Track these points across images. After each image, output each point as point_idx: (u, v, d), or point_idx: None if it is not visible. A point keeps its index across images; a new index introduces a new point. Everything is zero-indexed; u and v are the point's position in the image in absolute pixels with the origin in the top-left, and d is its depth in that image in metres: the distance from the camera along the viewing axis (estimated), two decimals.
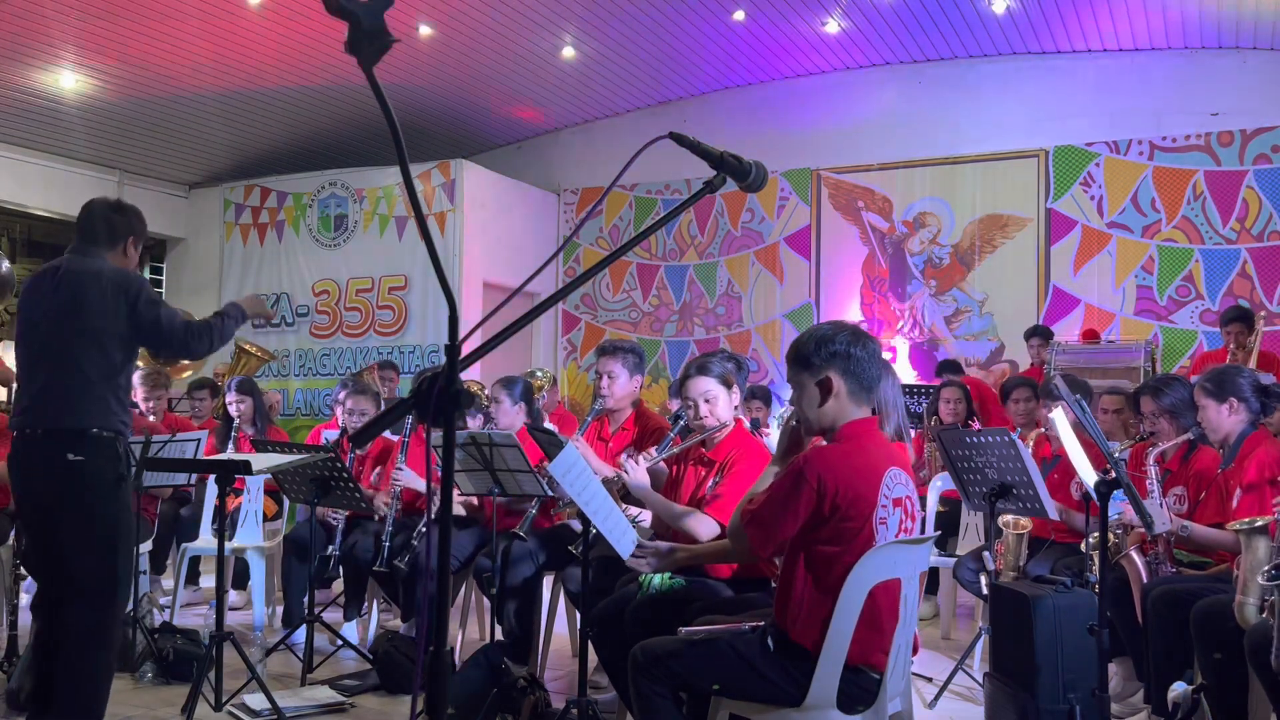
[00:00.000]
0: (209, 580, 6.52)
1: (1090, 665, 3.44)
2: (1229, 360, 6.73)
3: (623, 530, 3.22)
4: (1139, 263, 8.83)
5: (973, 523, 5.46)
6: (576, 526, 4.27)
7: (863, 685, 2.70)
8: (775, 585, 3.03)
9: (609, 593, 3.87)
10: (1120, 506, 3.85)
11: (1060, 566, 4.51)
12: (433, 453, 3.46)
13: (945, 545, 5.70)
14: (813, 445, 2.97)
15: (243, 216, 10.42)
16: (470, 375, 7.84)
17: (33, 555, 3.74)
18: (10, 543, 4.85)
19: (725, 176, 1.89)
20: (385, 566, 4.87)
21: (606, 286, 10.71)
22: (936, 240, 9.53)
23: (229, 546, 4.83)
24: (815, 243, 9.98)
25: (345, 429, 5.71)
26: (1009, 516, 4.65)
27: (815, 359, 2.78)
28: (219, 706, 4.06)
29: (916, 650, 2.94)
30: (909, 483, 2.83)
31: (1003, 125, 9.27)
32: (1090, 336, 8.57)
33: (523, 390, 5.15)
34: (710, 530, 3.57)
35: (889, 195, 9.71)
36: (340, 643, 4.92)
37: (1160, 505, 3.98)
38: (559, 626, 4.91)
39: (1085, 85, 9.05)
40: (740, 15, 8.57)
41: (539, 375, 8.06)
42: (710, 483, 3.71)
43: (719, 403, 3.79)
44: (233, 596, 6.09)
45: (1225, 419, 4.06)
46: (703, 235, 10.36)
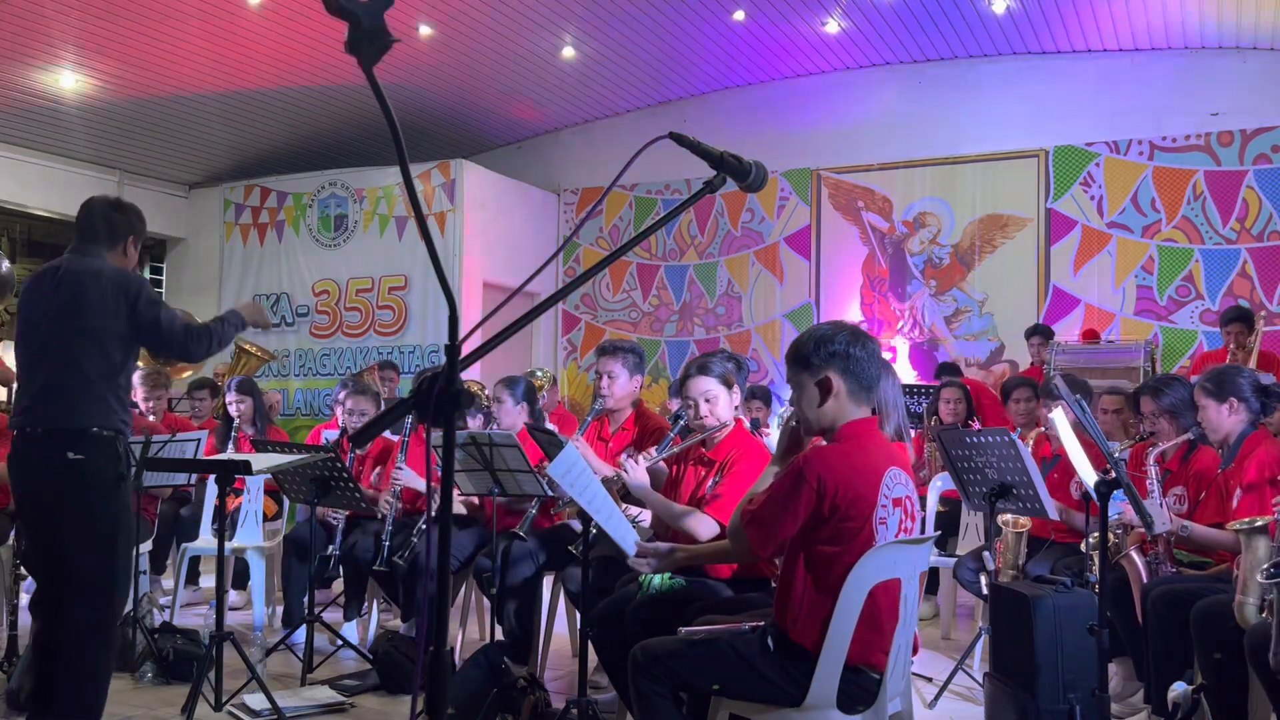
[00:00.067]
0: (209, 580, 6.52)
1: (1090, 665, 3.44)
2: (1229, 360, 6.73)
3: (625, 529, 3.23)
4: (1139, 263, 8.83)
5: (973, 523, 5.46)
6: (576, 526, 4.28)
7: (863, 685, 2.70)
8: (775, 585, 3.03)
9: (609, 593, 3.87)
10: (1120, 506, 3.85)
11: (1060, 566, 4.52)
12: (433, 453, 3.46)
13: (945, 545, 5.70)
14: (812, 445, 2.97)
15: (243, 216, 10.42)
16: (470, 375, 7.84)
17: (32, 555, 3.74)
18: (10, 543, 4.85)
19: (725, 176, 1.89)
20: (385, 565, 4.87)
21: (606, 286, 10.71)
22: (936, 240, 9.53)
23: (229, 546, 4.83)
24: (815, 243, 9.98)
25: (345, 429, 5.71)
26: (1008, 515, 4.66)
27: (815, 359, 2.78)
28: (219, 706, 4.06)
29: (916, 650, 2.94)
30: (909, 483, 2.83)
31: (1003, 125, 9.27)
32: (1090, 336, 8.57)
33: (525, 390, 5.15)
34: (710, 530, 3.57)
35: (889, 195, 9.71)
36: (340, 643, 4.92)
37: (1160, 505, 3.99)
38: (559, 626, 4.91)
39: (1085, 85, 9.05)
40: (740, 15, 8.57)
41: (539, 375, 8.06)
42: (710, 482, 3.71)
43: (719, 402, 3.79)
44: (233, 596, 6.09)
45: (1225, 419, 4.06)
46: (703, 235, 10.35)
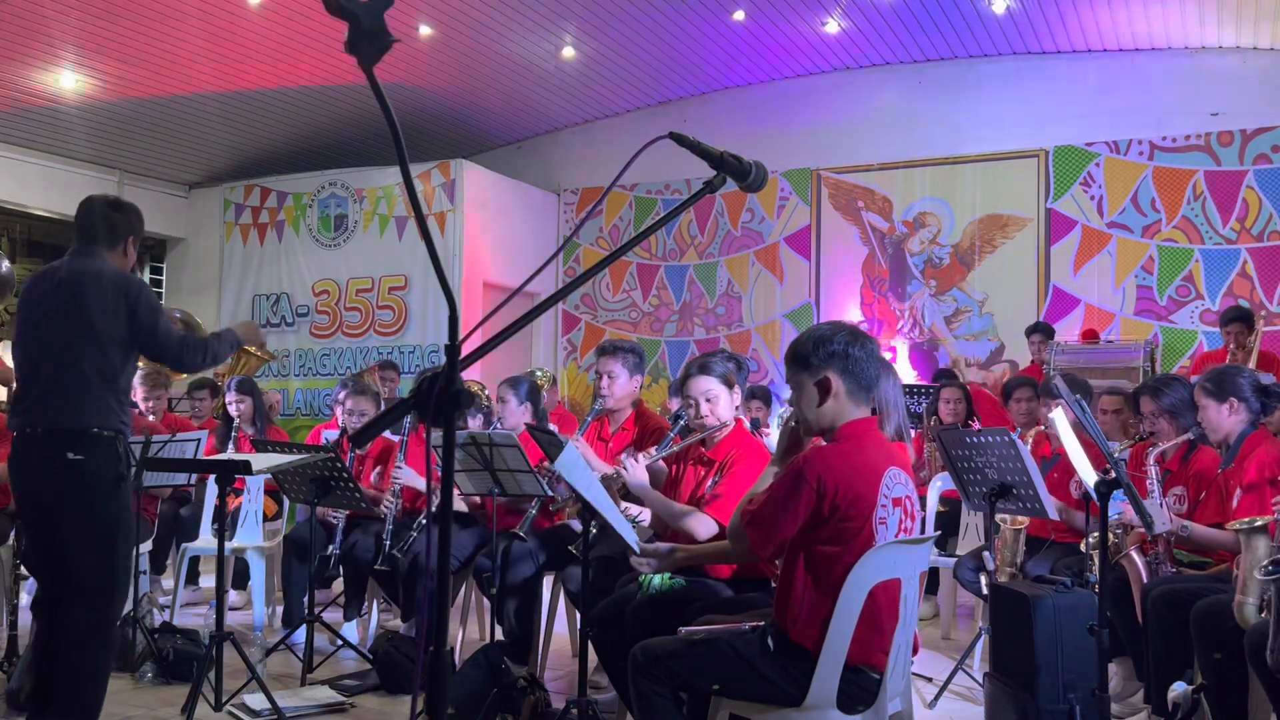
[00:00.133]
0: (209, 580, 6.51)
1: (1090, 665, 3.44)
2: (1229, 360, 6.73)
3: (627, 528, 3.24)
4: (1139, 263, 8.83)
5: (973, 523, 5.46)
6: (576, 526, 4.28)
7: (863, 685, 2.71)
8: (775, 585, 3.03)
9: (609, 593, 3.87)
10: (1120, 506, 3.85)
11: (1060, 566, 4.52)
12: (433, 453, 3.45)
13: (945, 545, 5.70)
14: (812, 445, 2.98)
15: (243, 216, 10.41)
16: (470, 375, 7.84)
17: (33, 555, 3.74)
18: (10, 543, 4.85)
19: (725, 176, 1.89)
20: (385, 562, 4.87)
21: (606, 286, 10.71)
22: (936, 240, 9.53)
23: (229, 546, 4.83)
24: (815, 243, 9.98)
25: (345, 429, 5.71)
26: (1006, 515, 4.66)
27: (814, 359, 2.78)
28: (219, 706, 4.06)
29: (916, 650, 2.94)
30: (909, 483, 2.83)
31: (1003, 125, 9.26)
32: (1090, 336, 8.57)
33: (528, 390, 5.15)
34: (709, 530, 3.57)
35: (889, 195, 9.71)
36: (340, 643, 4.92)
37: (1160, 505, 3.99)
38: (559, 626, 4.91)
39: (1085, 85, 9.04)
40: (740, 15, 8.57)
41: (539, 375, 8.06)
42: (710, 482, 3.72)
43: (720, 402, 3.79)
44: (233, 596, 6.09)
45: (1225, 419, 4.06)
46: (703, 235, 10.35)
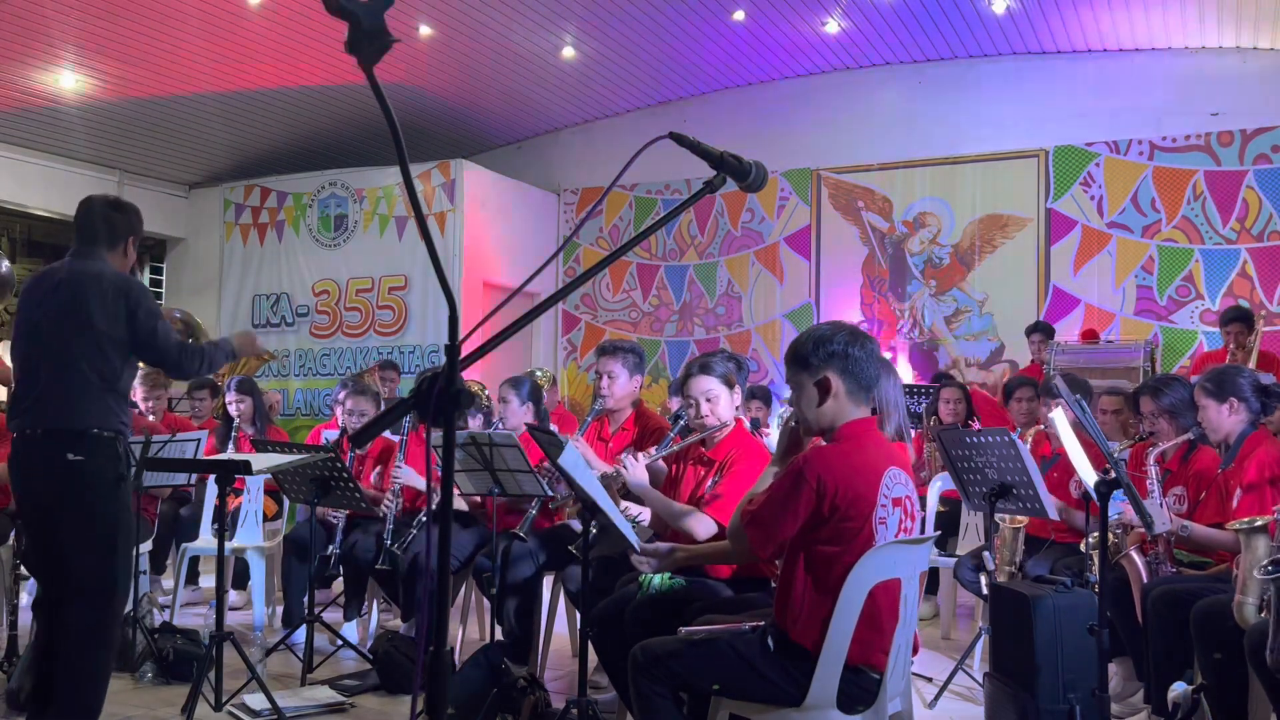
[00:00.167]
0: (209, 580, 6.51)
1: (1090, 665, 3.44)
2: (1228, 360, 6.73)
3: (627, 527, 3.25)
4: (1139, 263, 8.83)
5: (973, 523, 5.46)
6: (576, 526, 4.28)
7: (863, 685, 2.71)
8: (775, 585, 3.03)
9: (609, 593, 3.87)
10: (1120, 506, 3.85)
11: (1060, 566, 4.52)
12: (433, 453, 3.46)
13: (945, 545, 5.70)
14: (812, 445, 2.98)
15: (243, 216, 10.41)
16: (470, 375, 7.84)
17: (33, 555, 3.74)
18: (10, 543, 4.86)
19: (725, 176, 1.89)
20: (385, 560, 4.88)
21: (606, 286, 10.70)
22: (936, 240, 9.53)
23: (229, 546, 4.83)
24: (815, 243, 9.98)
25: (345, 429, 5.71)
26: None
27: (813, 359, 2.78)
28: (219, 706, 4.06)
29: (916, 650, 2.94)
30: (909, 482, 2.83)
31: (1003, 125, 9.26)
32: (1090, 336, 8.57)
33: (530, 390, 5.16)
34: (708, 530, 3.57)
35: (889, 195, 9.70)
36: (340, 643, 4.92)
37: (1160, 505, 3.99)
38: (559, 626, 4.91)
39: (1085, 85, 9.04)
40: (740, 15, 8.56)
41: (539, 375, 8.05)
42: (710, 482, 3.72)
43: (720, 402, 3.79)
44: (233, 596, 6.09)
45: (1225, 419, 4.06)
46: (703, 235, 10.35)
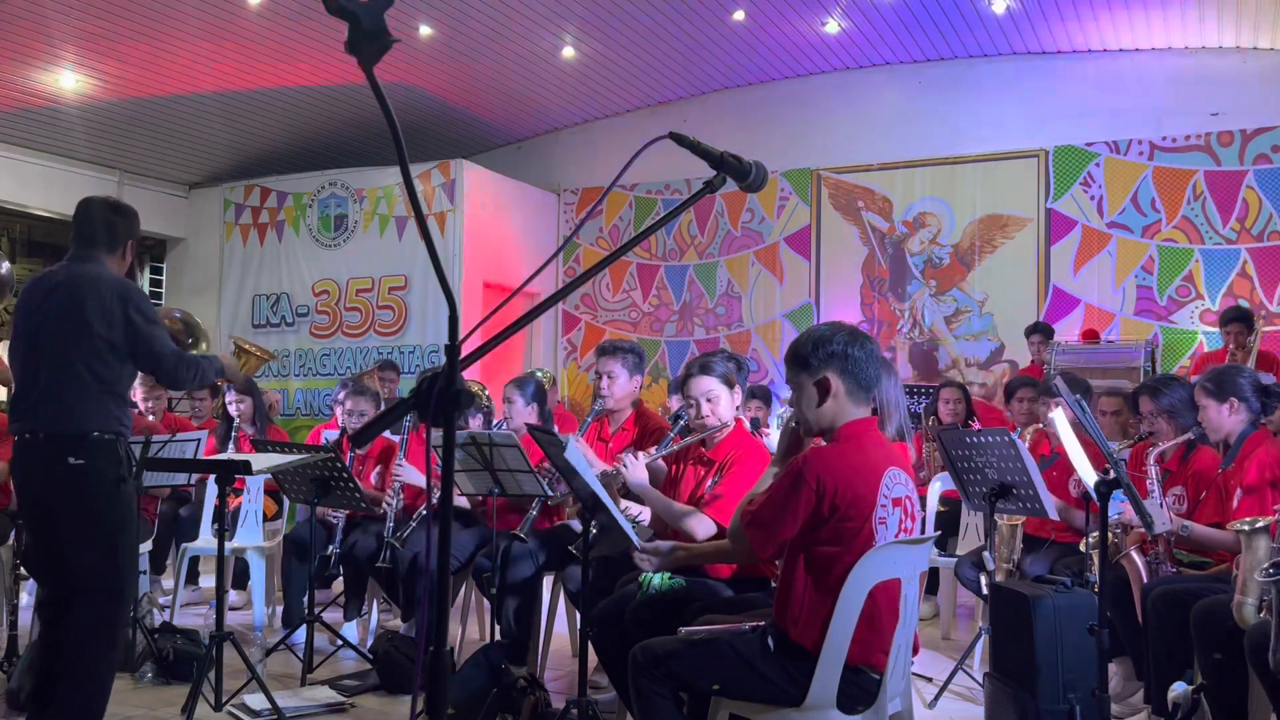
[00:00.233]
0: (209, 580, 6.51)
1: (1090, 665, 3.44)
2: (1228, 360, 6.73)
3: (627, 526, 3.25)
4: (1139, 263, 8.83)
5: (973, 523, 5.46)
6: (576, 526, 4.28)
7: (863, 685, 2.71)
8: (775, 585, 3.03)
9: (609, 593, 3.87)
10: (1120, 506, 3.85)
11: (1060, 566, 4.52)
12: (433, 453, 3.46)
13: (945, 545, 5.70)
14: (812, 446, 2.98)
15: (243, 216, 10.41)
16: (470, 375, 7.84)
17: (35, 556, 3.74)
18: (10, 543, 4.86)
19: (725, 176, 1.89)
20: (385, 558, 4.87)
21: (606, 286, 10.70)
22: (936, 240, 9.53)
23: (229, 546, 4.83)
24: (815, 243, 9.98)
25: (345, 429, 5.71)
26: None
27: (813, 359, 2.78)
28: (219, 706, 4.06)
29: (916, 650, 2.94)
30: (909, 483, 2.83)
31: (1003, 125, 9.26)
32: (1090, 336, 8.57)
33: (535, 390, 5.16)
34: (708, 530, 3.57)
35: (889, 195, 9.70)
36: (340, 643, 4.92)
37: (1160, 505, 3.98)
38: (559, 626, 4.91)
39: (1085, 85, 9.04)
40: (740, 15, 8.56)
41: (539, 375, 8.05)
42: (710, 482, 3.72)
43: (720, 402, 3.80)
44: (233, 596, 6.09)
45: (1226, 419, 4.07)
46: (703, 235, 10.35)
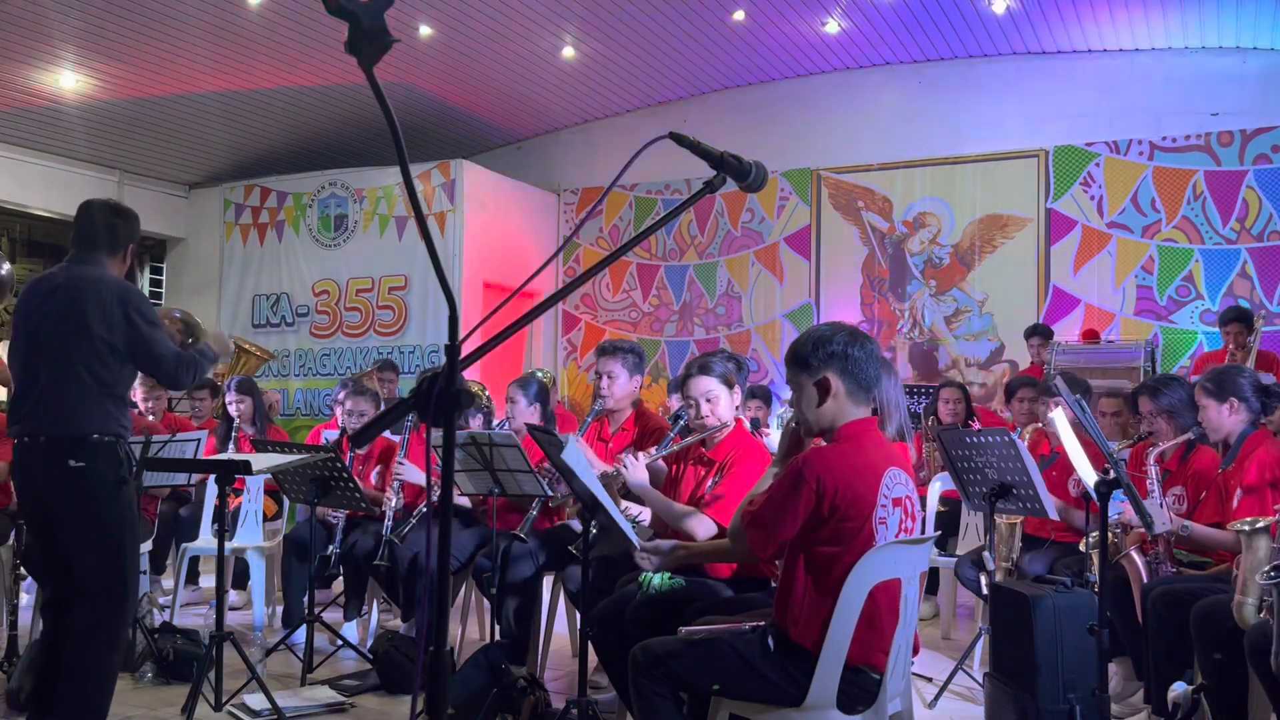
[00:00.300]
0: (209, 580, 6.51)
1: (1090, 665, 3.44)
2: (1228, 360, 6.73)
3: (627, 526, 3.25)
4: (1139, 263, 8.83)
5: (973, 523, 5.46)
6: (576, 526, 4.28)
7: (863, 685, 2.71)
8: (775, 585, 3.03)
9: (609, 593, 3.87)
10: (1120, 506, 3.85)
11: (1059, 566, 4.52)
12: (433, 453, 3.47)
13: (945, 545, 5.70)
14: (813, 446, 2.98)
15: (243, 216, 10.41)
16: (470, 375, 7.84)
17: (36, 556, 3.75)
18: (10, 543, 4.86)
19: (725, 176, 1.89)
20: (385, 556, 4.87)
21: (606, 286, 10.70)
22: (936, 240, 9.53)
23: (229, 546, 4.83)
24: (815, 243, 9.98)
25: (345, 429, 5.71)
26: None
27: (813, 360, 2.78)
28: (219, 706, 4.06)
29: (916, 650, 2.94)
30: (909, 483, 2.83)
31: (1003, 125, 9.26)
32: (1090, 336, 8.57)
33: (538, 391, 5.16)
34: (708, 531, 3.57)
35: (889, 195, 9.70)
36: (340, 643, 4.92)
37: (1160, 505, 3.98)
38: (559, 626, 4.91)
39: (1085, 85, 9.04)
40: (740, 15, 8.56)
41: (539, 375, 8.04)
42: (710, 482, 3.72)
43: (720, 402, 3.80)
44: (233, 596, 6.09)
45: (1226, 419, 4.07)
46: (703, 235, 10.35)
